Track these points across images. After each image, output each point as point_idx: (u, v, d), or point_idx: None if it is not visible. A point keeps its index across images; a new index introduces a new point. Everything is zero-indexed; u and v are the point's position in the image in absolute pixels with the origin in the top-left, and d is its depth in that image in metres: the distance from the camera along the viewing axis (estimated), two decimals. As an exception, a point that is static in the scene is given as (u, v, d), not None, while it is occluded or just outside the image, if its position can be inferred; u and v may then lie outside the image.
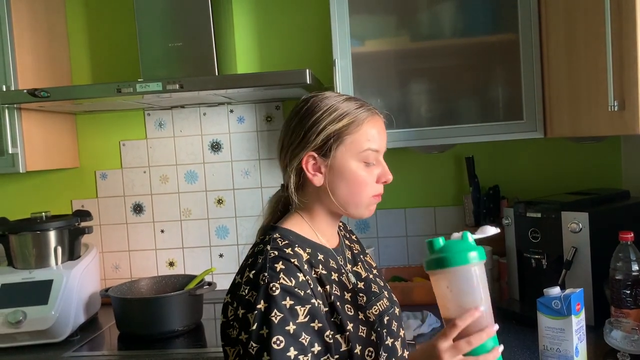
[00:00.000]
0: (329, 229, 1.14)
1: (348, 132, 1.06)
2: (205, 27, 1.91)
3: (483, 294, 0.95)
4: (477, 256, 0.94)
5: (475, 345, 0.91)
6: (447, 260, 0.93)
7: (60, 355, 1.68)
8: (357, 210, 1.10)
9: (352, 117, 1.07)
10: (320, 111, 1.07)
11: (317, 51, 2.12)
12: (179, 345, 1.74)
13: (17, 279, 1.82)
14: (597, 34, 1.40)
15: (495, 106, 1.82)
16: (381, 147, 1.10)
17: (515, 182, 2.08)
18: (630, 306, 1.42)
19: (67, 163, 2.20)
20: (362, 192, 1.08)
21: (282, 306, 0.94)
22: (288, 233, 1.08)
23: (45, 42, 2.09)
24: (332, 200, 1.08)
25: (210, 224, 2.24)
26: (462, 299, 0.94)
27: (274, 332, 0.93)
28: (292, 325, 0.94)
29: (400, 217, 2.17)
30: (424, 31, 1.85)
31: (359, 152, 1.06)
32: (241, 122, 2.21)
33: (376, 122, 1.10)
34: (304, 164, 1.07)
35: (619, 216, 1.65)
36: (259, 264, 1.00)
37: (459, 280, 0.94)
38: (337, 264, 1.11)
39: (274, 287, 0.95)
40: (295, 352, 0.93)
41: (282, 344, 0.93)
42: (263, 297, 0.95)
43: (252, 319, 0.95)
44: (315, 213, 1.11)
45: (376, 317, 1.10)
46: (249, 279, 0.99)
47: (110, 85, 1.73)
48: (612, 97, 1.32)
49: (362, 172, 1.07)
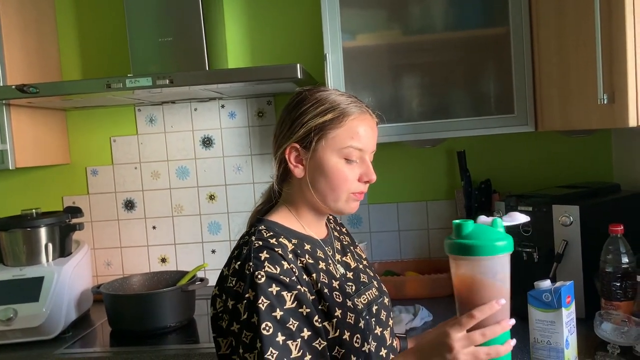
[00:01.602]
0: (315, 220, 1.14)
1: (331, 126, 1.06)
2: (195, 22, 1.90)
3: (506, 286, 0.92)
4: (506, 246, 0.90)
5: (489, 338, 0.90)
6: (476, 249, 0.88)
7: (52, 352, 1.67)
8: (335, 205, 1.10)
9: (338, 112, 1.06)
10: (309, 104, 1.07)
11: (309, 46, 2.11)
12: (172, 341, 1.73)
13: (7, 276, 1.81)
14: (587, 27, 1.40)
15: (487, 100, 1.83)
16: (367, 146, 1.09)
17: (507, 175, 2.09)
18: (620, 298, 1.43)
19: (57, 159, 2.18)
20: (340, 187, 1.07)
21: (269, 293, 0.96)
22: (274, 225, 1.09)
23: (35, 37, 2.07)
24: (312, 193, 1.08)
25: (202, 219, 2.24)
26: (484, 290, 0.90)
27: (262, 319, 0.94)
28: (279, 312, 0.95)
29: (392, 211, 2.17)
30: (416, 25, 1.84)
31: (340, 148, 1.06)
32: (232, 118, 2.20)
33: (364, 120, 1.09)
34: (286, 155, 1.08)
35: (610, 209, 1.66)
36: (243, 254, 1.01)
37: (485, 270, 0.89)
38: (325, 254, 1.12)
39: (259, 275, 0.97)
40: (283, 338, 0.94)
41: (270, 329, 0.94)
42: (250, 286, 0.96)
43: (242, 309, 0.97)
44: (299, 205, 1.12)
45: (365, 305, 1.11)
46: (235, 270, 1.01)
47: (100, 80, 1.72)
48: (602, 90, 1.33)
49: (342, 168, 1.07)
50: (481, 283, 0.90)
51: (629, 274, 1.42)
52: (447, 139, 1.95)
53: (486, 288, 0.90)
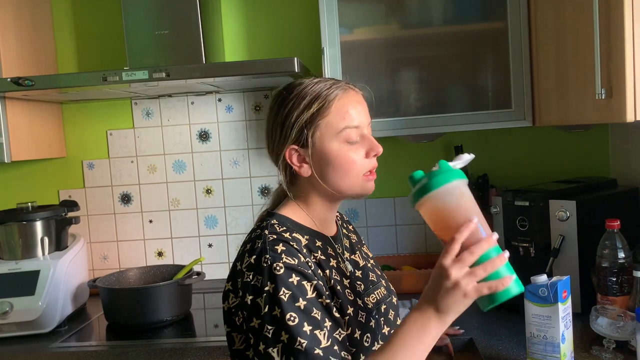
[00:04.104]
0: (326, 216, 1.13)
1: (320, 116, 1.04)
2: (192, 15, 1.88)
3: (473, 206, 0.95)
4: (454, 173, 0.96)
5: (479, 254, 0.90)
6: (430, 184, 0.94)
7: (47, 346, 1.67)
8: (352, 191, 1.08)
9: (322, 101, 1.05)
10: (291, 103, 1.06)
11: (306, 39, 2.10)
12: (168, 335, 1.73)
13: (3, 270, 1.81)
14: (585, 22, 1.40)
15: (484, 95, 1.82)
16: (361, 122, 1.07)
17: (504, 170, 2.09)
18: (616, 293, 1.43)
19: (53, 153, 2.17)
20: (350, 171, 1.06)
21: (289, 283, 0.94)
22: (285, 220, 1.07)
23: (30, 30, 2.06)
24: (325, 186, 1.07)
25: (199, 213, 2.23)
26: (454, 215, 0.93)
27: (285, 310, 0.92)
28: (302, 301, 0.94)
29: (389, 206, 2.17)
30: (413, 19, 1.84)
31: (337, 132, 1.05)
32: (229, 111, 2.20)
33: (350, 97, 1.07)
34: (288, 159, 1.07)
35: (606, 204, 1.66)
36: (258, 248, 0.99)
37: (446, 198, 0.94)
38: (335, 251, 1.11)
39: (278, 266, 0.95)
40: (310, 327, 0.92)
41: (295, 319, 0.92)
42: (269, 278, 0.94)
43: (262, 303, 0.94)
44: (311, 201, 1.10)
45: (374, 304, 1.10)
46: (250, 264, 0.98)
47: (96, 73, 1.71)
48: (600, 85, 1.33)
49: (347, 152, 1.05)
50: (447, 211, 0.94)
51: (625, 268, 1.42)
52: (444, 133, 1.95)
53: (454, 213, 0.94)
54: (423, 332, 0.91)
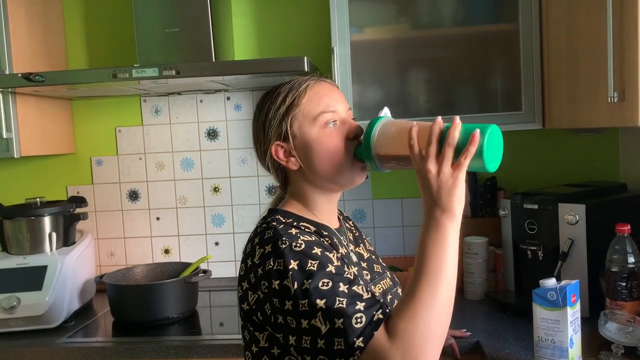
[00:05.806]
0: (327, 209, 1.13)
1: (295, 105, 1.06)
2: (202, 13, 1.89)
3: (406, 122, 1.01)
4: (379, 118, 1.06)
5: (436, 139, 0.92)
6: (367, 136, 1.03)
7: (54, 341, 1.67)
8: (342, 177, 1.08)
9: (294, 93, 1.07)
10: (267, 103, 1.09)
11: (316, 38, 2.10)
12: (174, 332, 1.73)
13: (11, 265, 1.81)
14: (598, 24, 1.38)
15: (494, 97, 1.81)
16: (337, 107, 1.08)
17: (513, 173, 2.08)
18: (625, 298, 1.42)
19: (62, 149, 2.18)
20: (335, 155, 1.05)
21: (314, 254, 0.93)
22: (289, 214, 1.07)
23: (41, 26, 2.07)
24: (315, 175, 1.07)
25: (206, 211, 2.23)
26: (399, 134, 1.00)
27: (316, 278, 0.90)
28: (331, 267, 0.93)
29: (396, 207, 2.16)
30: (424, 19, 1.83)
31: (314, 118, 1.05)
32: (238, 110, 2.20)
33: (321, 85, 1.09)
34: (274, 156, 1.08)
35: (616, 208, 1.65)
36: (270, 236, 0.97)
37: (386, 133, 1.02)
38: (340, 242, 1.11)
39: (298, 243, 0.95)
40: (346, 286, 0.90)
41: (330, 283, 0.90)
42: (292, 257, 0.93)
43: (290, 283, 0.91)
44: (309, 197, 1.11)
45: (380, 294, 1.10)
46: (267, 253, 0.96)
47: (106, 70, 1.72)
48: (613, 88, 1.31)
49: (327, 136, 1.06)
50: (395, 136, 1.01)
51: (635, 273, 1.41)
52: (453, 135, 1.94)
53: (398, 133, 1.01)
54: (441, 235, 0.94)
